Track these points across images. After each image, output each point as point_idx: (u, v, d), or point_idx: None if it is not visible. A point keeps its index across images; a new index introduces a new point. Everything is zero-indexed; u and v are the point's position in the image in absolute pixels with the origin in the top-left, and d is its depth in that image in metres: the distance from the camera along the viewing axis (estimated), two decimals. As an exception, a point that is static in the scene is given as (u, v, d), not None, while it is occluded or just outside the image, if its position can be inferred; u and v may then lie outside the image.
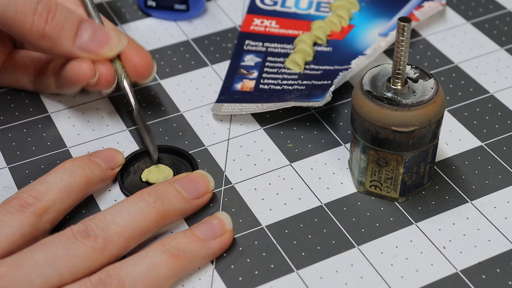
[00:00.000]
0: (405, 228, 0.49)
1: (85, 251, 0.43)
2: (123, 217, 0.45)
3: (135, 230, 0.45)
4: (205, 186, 0.50)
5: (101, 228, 0.44)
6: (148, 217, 0.46)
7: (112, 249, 0.44)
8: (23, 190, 0.47)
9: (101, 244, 0.44)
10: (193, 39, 0.64)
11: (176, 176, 0.50)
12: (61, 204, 0.47)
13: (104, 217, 0.45)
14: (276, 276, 0.47)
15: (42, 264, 0.42)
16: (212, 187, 0.50)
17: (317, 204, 0.51)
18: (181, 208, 0.48)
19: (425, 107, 0.47)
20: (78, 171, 0.48)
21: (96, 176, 0.49)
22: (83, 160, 0.50)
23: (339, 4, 0.64)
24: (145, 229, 0.46)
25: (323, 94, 0.55)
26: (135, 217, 0.46)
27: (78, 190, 0.48)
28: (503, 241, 0.49)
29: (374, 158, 0.49)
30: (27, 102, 0.58)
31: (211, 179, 0.50)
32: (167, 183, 0.48)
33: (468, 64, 0.61)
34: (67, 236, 0.44)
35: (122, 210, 0.46)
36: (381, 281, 0.46)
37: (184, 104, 0.58)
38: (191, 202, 0.49)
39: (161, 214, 0.47)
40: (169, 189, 0.48)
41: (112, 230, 0.45)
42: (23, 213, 0.45)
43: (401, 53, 0.47)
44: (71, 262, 0.43)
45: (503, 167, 0.53)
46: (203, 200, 0.49)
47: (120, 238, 0.45)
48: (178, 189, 0.48)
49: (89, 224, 0.45)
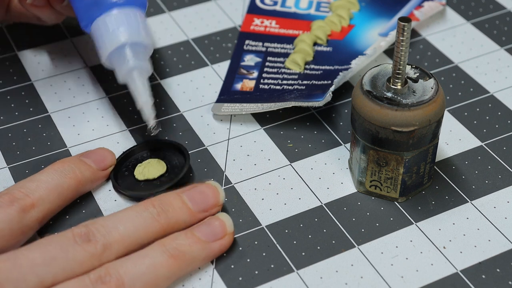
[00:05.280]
0: (405, 228, 0.49)
1: (83, 256, 0.43)
2: (126, 226, 0.45)
3: (135, 240, 0.45)
4: (215, 199, 0.48)
5: (102, 234, 0.44)
6: (150, 229, 0.46)
7: (110, 256, 0.44)
8: (13, 187, 0.47)
9: (100, 250, 0.44)
10: (193, 39, 0.64)
11: (186, 187, 0.48)
12: (50, 204, 0.47)
13: (106, 223, 0.45)
14: (276, 276, 0.47)
15: (39, 264, 0.42)
16: (222, 200, 0.49)
17: (317, 204, 0.51)
18: (186, 221, 0.47)
19: (425, 107, 0.47)
20: (68, 173, 0.49)
21: (86, 178, 0.50)
22: (73, 162, 0.50)
23: (339, 4, 0.64)
24: (145, 240, 0.46)
25: (323, 94, 0.55)
26: (137, 227, 0.45)
27: (68, 191, 0.48)
28: (503, 241, 0.49)
29: (374, 158, 0.49)
30: (27, 102, 0.58)
31: (221, 191, 0.49)
32: (173, 194, 0.48)
33: (468, 64, 0.61)
34: (67, 238, 0.44)
35: (125, 219, 0.45)
36: (381, 281, 0.46)
37: (184, 104, 0.58)
38: (197, 215, 0.47)
39: (163, 227, 0.46)
40: (175, 200, 0.47)
41: (113, 237, 0.44)
42: (11, 207, 0.45)
43: (401, 53, 0.47)
44: (68, 265, 0.43)
45: (503, 167, 0.53)
46: (210, 214, 0.48)
47: (120, 247, 0.44)
48: (185, 201, 0.47)
49: (91, 228, 0.44)
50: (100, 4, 0.51)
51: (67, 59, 0.62)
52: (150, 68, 0.51)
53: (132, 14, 0.52)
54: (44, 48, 0.63)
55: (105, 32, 0.51)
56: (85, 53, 0.62)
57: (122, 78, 0.51)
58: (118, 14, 0.51)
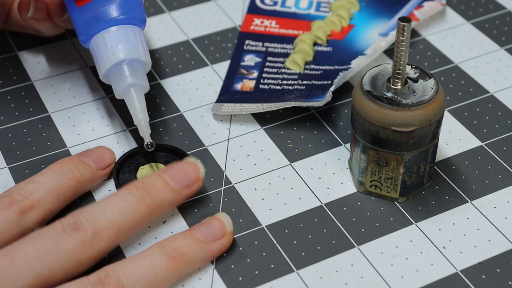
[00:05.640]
0: (405, 228, 0.49)
1: (75, 245, 0.43)
2: (112, 210, 0.45)
3: (124, 224, 0.45)
4: (195, 174, 0.48)
5: (90, 221, 0.44)
6: (136, 212, 0.46)
7: (101, 243, 0.44)
8: (12, 189, 0.47)
9: (90, 237, 0.44)
10: (193, 39, 0.64)
11: (166, 167, 0.49)
12: (49, 205, 0.47)
13: (93, 210, 0.45)
14: (276, 276, 0.47)
15: (33, 258, 0.42)
16: (202, 174, 0.49)
17: (317, 204, 0.51)
18: (170, 200, 0.47)
19: (425, 107, 0.47)
20: (67, 173, 0.49)
21: (85, 178, 0.50)
22: (72, 162, 0.50)
23: (339, 4, 0.64)
24: (134, 223, 0.46)
25: (323, 94, 0.55)
26: (124, 211, 0.45)
27: (67, 192, 0.48)
28: (503, 241, 0.49)
29: (374, 158, 0.49)
30: (27, 102, 0.58)
31: (201, 165, 0.49)
32: (155, 175, 0.48)
33: (468, 64, 0.61)
34: (57, 229, 0.44)
35: (111, 204, 0.45)
36: (381, 281, 0.46)
37: (184, 104, 0.58)
38: (180, 192, 0.48)
39: (149, 208, 0.46)
40: (157, 181, 0.47)
41: (101, 223, 0.44)
42: (10, 209, 0.45)
43: (401, 53, 0.47)
44: (61, 256, 0.43)
45: (503, 167, 0.53)
46: (193, 189, 0.48)
47: (109, 232, 0.45)
48: (167, 180, 0.47)
49: (78, 217, 0.45)
50: (99, 20, 0.52)
51: (67, 59, 0.62)
52: (147, 85, 0.52)
53: (131, 31, 0.52)
54: (44, 48, 0.63)
55: (104, 49, 0.52)
56: (85, 53, 0.62)
57: (119, 94, 0.52)
58: (117, 31, 0.52)
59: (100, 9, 0.52)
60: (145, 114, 0.51)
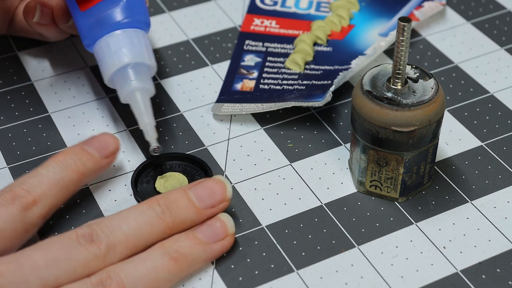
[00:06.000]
0: (405, 228, 0.49)
1: (87, 257, 0.43)
2: (130, 225, 0.44)
3: (140, 240, 0.45)
4: (222, 194, 0.47)
5: (106, 234, 0.44)
6: (155, 229, 0.45)
7: (113, 258, 0.44)
8: (15, 183, 0.46)
9: (104, 251, 0.43)
10: (193, 39, 0.64)
11: (192, 183, 0.48)
12: (52, 199, 0.46)
13: (110, 222, 0.44)
14: (276, 276, 0.47)
15: (41, 266, 0.42)
16: (229, 194, 0.48)
17: (317, 204, 0.51)
18: (192, 219, 0.46)
19: (425, 107, 0.47)
20: (70, 165, 0.47)
21: (88, 169, 0.48)
22: (75, 152, 0.48)
23: (339, 4, 0.64)
24: (150, 240, 0.45)
25: (323, 94, 0.55)
26: (142, 227, 0.45)
27: (70, 185, 0.47)
28: (503, 241, 0.49)
29: (374, 158, 0.49)
30: (27, 102, 0.58)
31: (228, 185, 0.48)
32: (180, 191, 0.47)
33: (468, 64, 0.61)
34: (71, 239, 0.43)
35: (129, 218, 0.45)
36: (381, 281, 0.46)
37: (184, 104, 0.58)
38: (203, 212, 0.47)
39: (168, 226, 0.45)
40: (181, 198, 0.46)
41: (117, 237, 0.44)
42: (13, 205, 0.44)
43: (401, 53, 0.47)
44: (71, 267, 0.43)
45: (503, 167, 0.53)
46: (218, 210, 0.47)
47: (123, 247, 0.44)
48: (191, 198, 0.46)
49: (94, 228, 0.44)
50: (103, 24, 0.52)
51: (67, 59, 0.62)
52: (153, 89, 0.51)
53: (135, 34, 0.52)
54: (44, 48, 0.63)
55: (108, 53, 0.51)
56: (85, 53, 0.62)
57: (124, 98, 0.51)
58: (121, 35, 0.51)
59: (103, 13, 0.52)
60: (151, 118, 0.51)
